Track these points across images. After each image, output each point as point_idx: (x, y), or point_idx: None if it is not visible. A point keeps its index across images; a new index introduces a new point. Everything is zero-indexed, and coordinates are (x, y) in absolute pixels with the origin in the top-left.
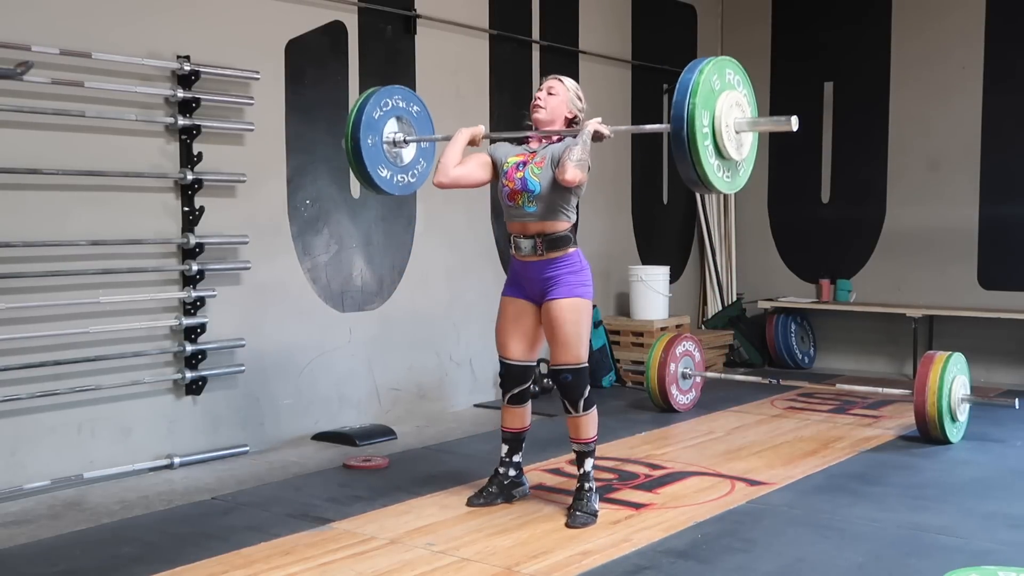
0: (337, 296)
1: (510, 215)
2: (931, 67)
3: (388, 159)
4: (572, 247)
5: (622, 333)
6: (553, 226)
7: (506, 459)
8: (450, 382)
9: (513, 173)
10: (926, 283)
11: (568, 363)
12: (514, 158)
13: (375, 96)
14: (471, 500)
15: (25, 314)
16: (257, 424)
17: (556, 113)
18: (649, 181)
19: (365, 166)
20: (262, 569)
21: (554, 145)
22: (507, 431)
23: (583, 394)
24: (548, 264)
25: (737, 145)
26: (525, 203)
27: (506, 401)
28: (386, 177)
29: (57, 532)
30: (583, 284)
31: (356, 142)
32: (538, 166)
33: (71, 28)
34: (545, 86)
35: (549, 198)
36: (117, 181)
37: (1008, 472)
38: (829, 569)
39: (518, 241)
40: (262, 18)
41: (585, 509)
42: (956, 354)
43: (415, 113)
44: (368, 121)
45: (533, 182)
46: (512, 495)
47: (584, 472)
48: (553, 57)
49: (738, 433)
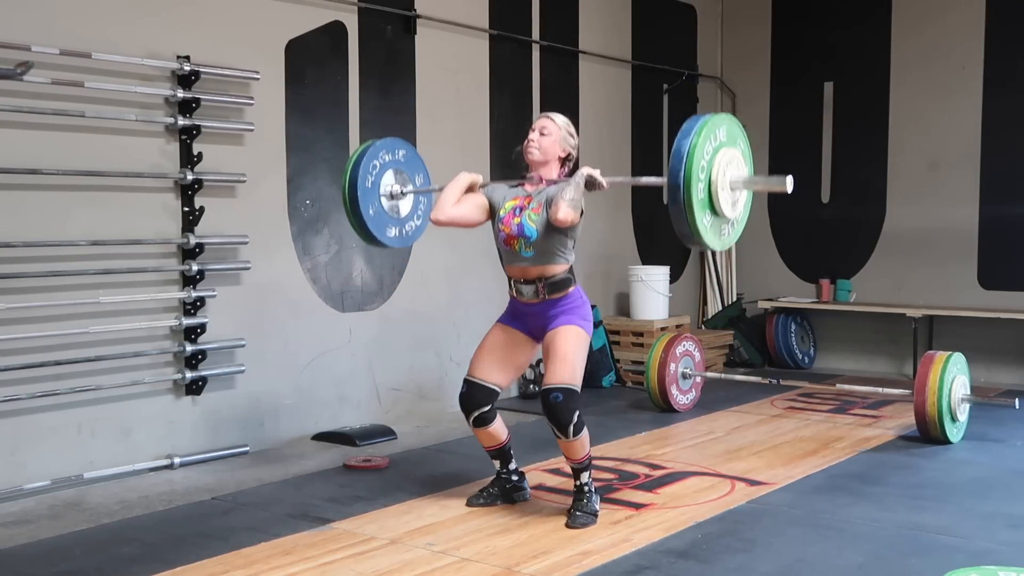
0: (337, 296)
1: (508, 259)
2: (931, 67)
3: (391, 218)
4: (573, 287)
5: (622, 333)
6: (552, 269)
7: (501, 471)
8: (450, 382)
9: (510, 219)
10: (926, 283)
11: (561, 382)
12: (511, 202)
13: (362, 163)
14: (471, 500)
15: (25, 314)
16: (257, 424)
17: (550, 153)
18: None
19: (374, 236)
20: (262, 569)
21: (549, 188)
22: (489, 450)
23: (572, 419)
24: (549, 305)
25: (732, 203)
26: (522, 248)
27: (472, 424)
28: (395, 236)
29: (57, 532)
30: (584, 318)
31: (360, 219)
32: (535, 212)
33: (71, 28)
34: (537, 126)
35: (546, 242)
36: (117, 181)
37: (1008, 472)
38: (829, 569)
39: (519, 287)
40: (262, 18)
41: (585, 509)
42: (956, 354)
43: (403, 159)
44: (364, 192)
45: (529, 228)
46: (513, 498)
47: (580, 486)
48: (553, 57)
49: (738, 433)
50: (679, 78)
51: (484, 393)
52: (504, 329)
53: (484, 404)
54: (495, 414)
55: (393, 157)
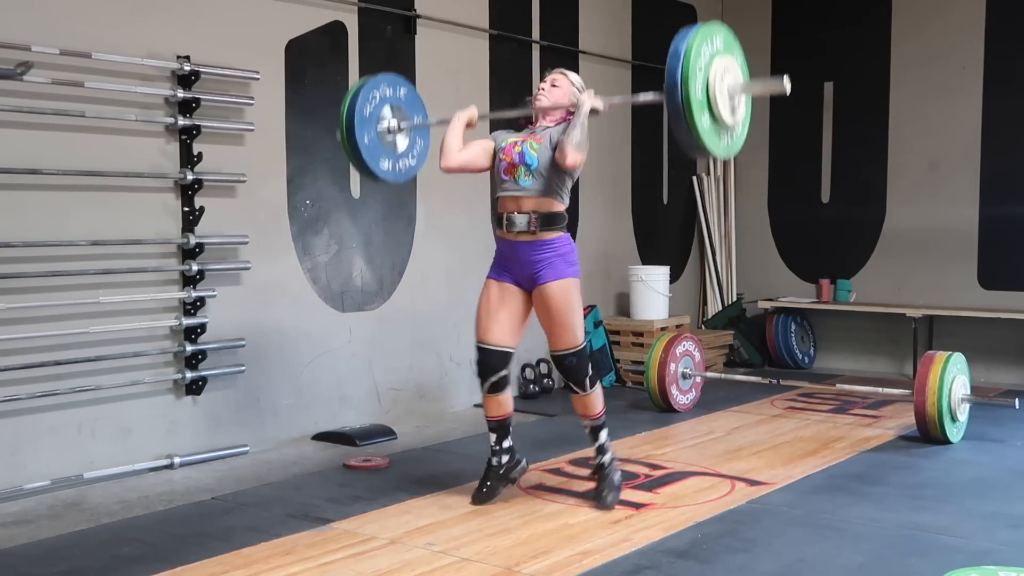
0: (337, 296)
1: (504, 189)
2: (931, 67)
3: (387, 150)
4: (563, 230)
5: (622, 333)
6: (548, 204)
7: (496, 447)
8: (450, 382)
9: (511, 148)
10: (926, 283)
11: (569, 347)
12: (513, 138)
13: (362, 92)
14: (475, 498)
15: (25, 314)
16: (257, 424)
17: (559, 103)
18: (649, 181)
19: (367, 164)
20: (262, 569)
21: (553, 128)
22: (492, 420)
23: (587, 372)
24: (538, 246)
25: (731, 109)
26: (521, 176)
27: (486, 391)
28: (389, 169)
29: (57, 532)
30: (571, 264)
31: (354, 144)
32: (537, 141)
33: (71, 28)
34: (549, 78)
35: (546, 175)
36: (117, 181)
37: (1008, 472)
38: (829, 569)
39: (512, 217)
40: (262, 18)
41: (610, 486)
42: (956, 354)
43: (404, 96)
44: (360, 119)
45: (531, 155)
46: (511, 478)
47: (600, 445)
48: (553, 57)
49: (738, 433)
50: None
51: (500, 357)
52: (497, 285)
53: (501, 368)
54: (509, 380)
55: (394, 93)
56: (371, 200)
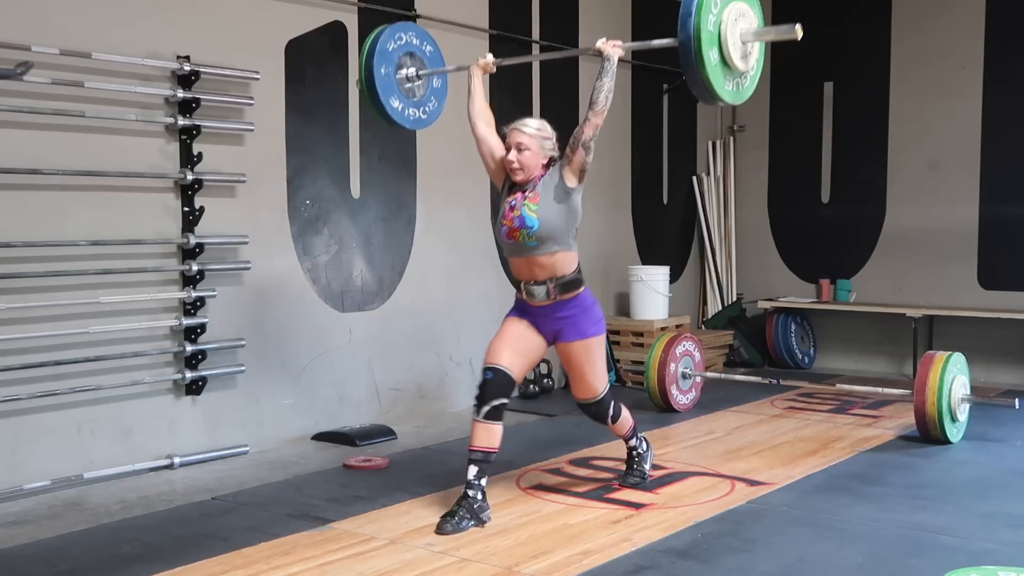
0: (337, 296)
1: (512, 253)
2: (931, 66)
3: (400, 92)
4: (583, 288)
5: (622, 333)
6: (561, 266)
7: (475, 482)
8: (450, 382)
9: (509, 214)
10: (926, 283)
11: (589, 398)
12: (510, 198)
13: (389, 29)
14: (440, 527)
15: (25, 314)
16: (257, 424)
17: (533, 168)
18: (649, 181)
19: (378, 94)
20: (262, 569)
21: (545, 176)
22: (478, 450)
23: (608, 415)
24: (559, 306)
25: (743, 55)
26: (525, 239)
27: (482, 417)
28: (398, 109)
29: (57, 532)
30: (594, 323)
31: (370, 71)
32: (533, 201)
33: (71, 28)
34: (513, 144)
35: (549, 232)
36: (117, 181)
37: (1008, 472)
38: (829, 569)
39: (530, 288)
40: (262, 18)
41: (636, 473)
42: (956, 354)
43: (428, 53)
44: (382, 51)
45: (531, 219)
46: (482, 519)
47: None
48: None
49: (738, 433)
50: (679, 78)
51: (507, 381)
52: (519, 321)
53: (504, 395)
54: (503, 411)
55: (421, 44)
56: (371, 200)
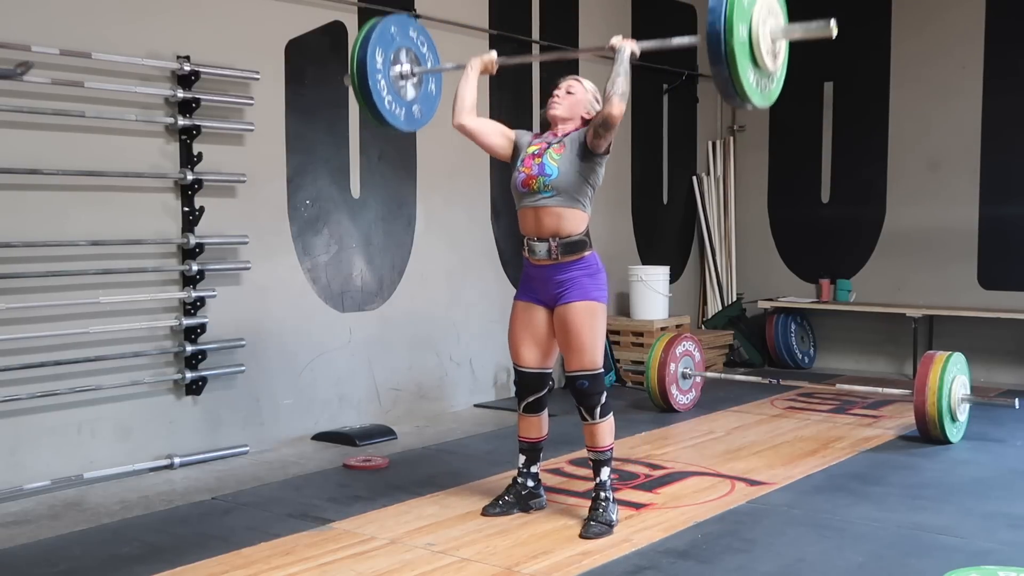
0: (337, 296)
1: (523, 202)
2: (931, 66)
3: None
4: (588, 251)
5: (622, 333)
6: (568, 224)
7: (524, 469)
8: (450, 382)
9: (530, 160)
10: (926, 283)
11: (583, 369)
12: (533, 147)
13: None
14: (487, 509)
15: (25, 314)
16: (257, 424)
17: (574, 111)
18: (649, 181)
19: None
20: (262, 569)
21: (574, 133)
22: (524, 440)
23: (600, 400)
24: (562, 267)
25: (773, 55)
26: (540, 188)
27: (521, 410)
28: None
29: (57, 532)
30: (598, 287)
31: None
32: (557, 152)
33: (71, 28)
34: (564, 84)
35: (566, 186)
36: (117, 181)
37: (1008, 472)
38: (829, 569)
39: (532, 244)
40: (262, 18)
41: (601, 519)
42: (956, 354)
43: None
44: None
45: (551, 166)
46: (529, 506)
47: (600, 481)
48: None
49: (738, 433)
50: (679, 78)
51: (535, 378)
52: (525, 307)
53: (538, 389)
54: (546, 402)
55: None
56: (371, 200)
